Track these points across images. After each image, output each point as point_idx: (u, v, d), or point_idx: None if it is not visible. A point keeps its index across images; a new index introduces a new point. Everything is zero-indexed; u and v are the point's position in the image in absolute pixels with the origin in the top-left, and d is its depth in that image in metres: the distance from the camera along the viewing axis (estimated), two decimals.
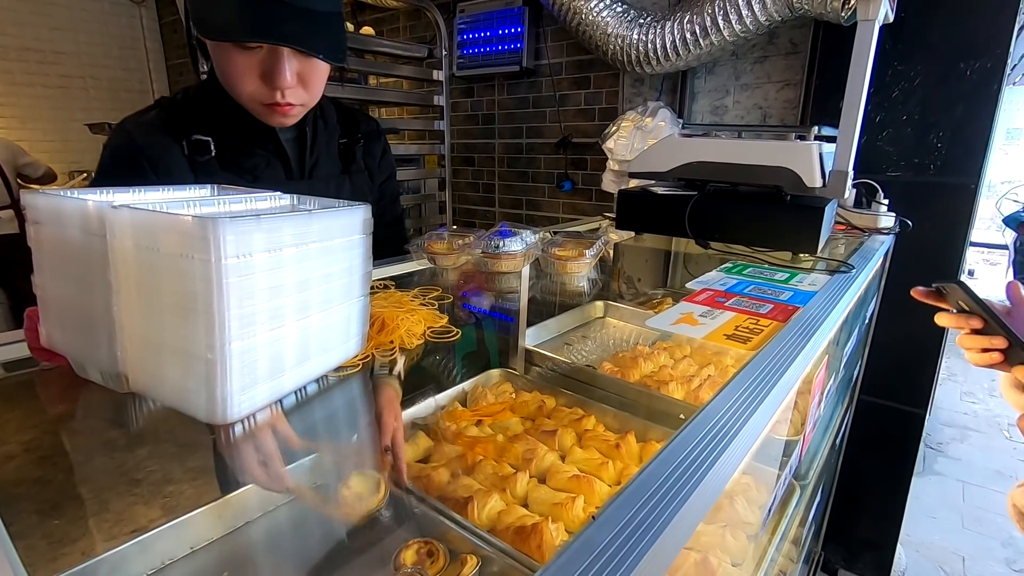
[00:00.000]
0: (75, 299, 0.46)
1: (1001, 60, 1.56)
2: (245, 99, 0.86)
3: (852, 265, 0.98)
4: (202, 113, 0.91)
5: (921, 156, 1.71)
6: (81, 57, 4.37)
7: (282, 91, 0.83)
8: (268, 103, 0.85)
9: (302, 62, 0.83)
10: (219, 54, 0.83)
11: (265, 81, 0.82)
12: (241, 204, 0.57)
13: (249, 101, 0.86)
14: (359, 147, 1.07)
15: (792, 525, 1.03)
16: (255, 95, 0.84)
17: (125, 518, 0.76)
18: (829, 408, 1.33)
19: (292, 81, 0.83)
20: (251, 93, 0.84)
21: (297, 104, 0.87)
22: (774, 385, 0.51)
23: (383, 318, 0.68)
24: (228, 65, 0.82)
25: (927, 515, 2.40)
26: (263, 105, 0.86)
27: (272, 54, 0.80)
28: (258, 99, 0.85)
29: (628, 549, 0.31)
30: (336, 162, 1.04)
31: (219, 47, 0.82)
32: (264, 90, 0.83)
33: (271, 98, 0.84)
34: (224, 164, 0.90)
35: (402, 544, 0.67)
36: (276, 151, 0.95)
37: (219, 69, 0.85)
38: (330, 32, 0.82)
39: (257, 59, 0.81)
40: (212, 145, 0.89)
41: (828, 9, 1.62)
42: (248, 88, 0.83)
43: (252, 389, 0.44)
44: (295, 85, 0.84)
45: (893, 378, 1.86)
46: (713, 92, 2.19)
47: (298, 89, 0.85)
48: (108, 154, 0.88)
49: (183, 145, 0.88)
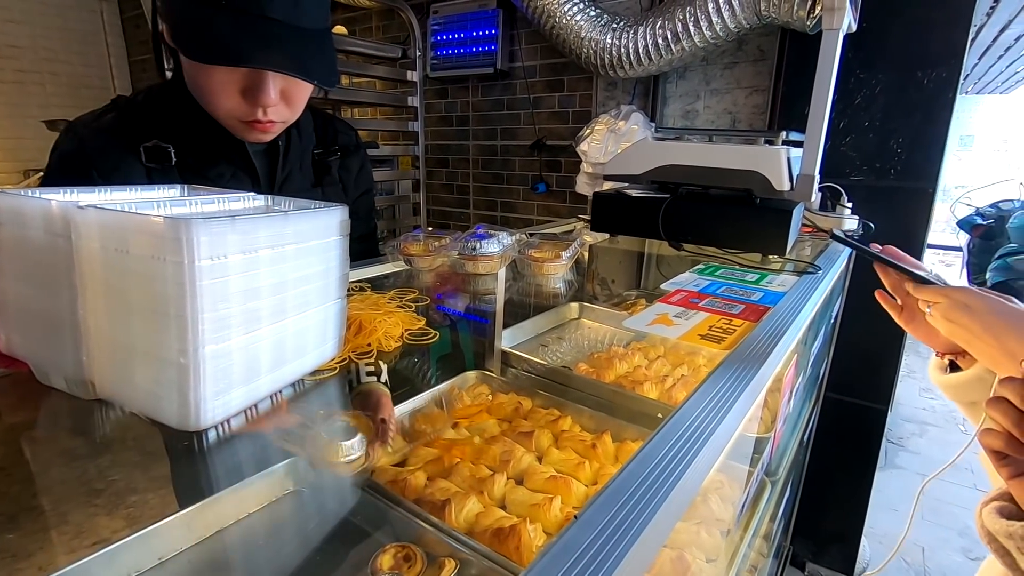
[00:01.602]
0: (37, 303, 0.44)
1: (955, 70, 1.63)
2: (221, 114, 0.81)
3: (819, 266, 1.01)
4: (164, 116, 0.85)
5: (882, 161, 1.77)
6: (38, 51, 4.20)
7: (264, 109, 0.78)
8: (247, 120, 0.80)
9: (287, 80, 0.78)
10: (195, 66, 0.77)
11: (246, 98, 0.78)
12: (213, 205, 0.56)
13: (226, 117, 0.81)
14: (335, 160, 1.02)
15: (763, 521, 1.05)
16: (233, 111, 0.79)
17: (86, 530, 0.74)
18: (798, 405, 1.37)
19: (276, 99, 0.78)
20: (229, 109, 0.79)
21: (278, 121, 0.83)
22: (747, 384, 0.52)
23: (360, 320, 0.67)
24: (206, 80, 0.77)
25: (889, 508, 2.49)
26: (241, 122, 0.81)
27: (256, 72, 0.76)
28: (236, 115, 0.80)
29: (610, 549, 0.31)
30: (308, 175, 0.99)
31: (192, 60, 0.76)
32: (244, 107, 0.78)
33: (251, 115, 0.79)
34: (185, 173, 0.84)
35: (379, 549, 0.66)
36: (243, 163, 0.89)
37: (193, 81, 0.80)
38: (322, 53, 0.78)
39: (239, 75, 0.76)
40: (172, 152, 0.82)
41: (794, 18, 1.66)
42: (227, 104, 0.78)
43: (226, 394, 0.43)
44: (278, 103, 0.79)
45: (857, 376, 1.93)
46: (684, 97, 2.23)
47: (281, 106, 0.81)
48: (56, 158, 0.82)
49: (140, 151, 0.81)
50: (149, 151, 0.81)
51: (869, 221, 1.48)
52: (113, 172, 0.80)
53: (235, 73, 0.75)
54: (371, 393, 0.73)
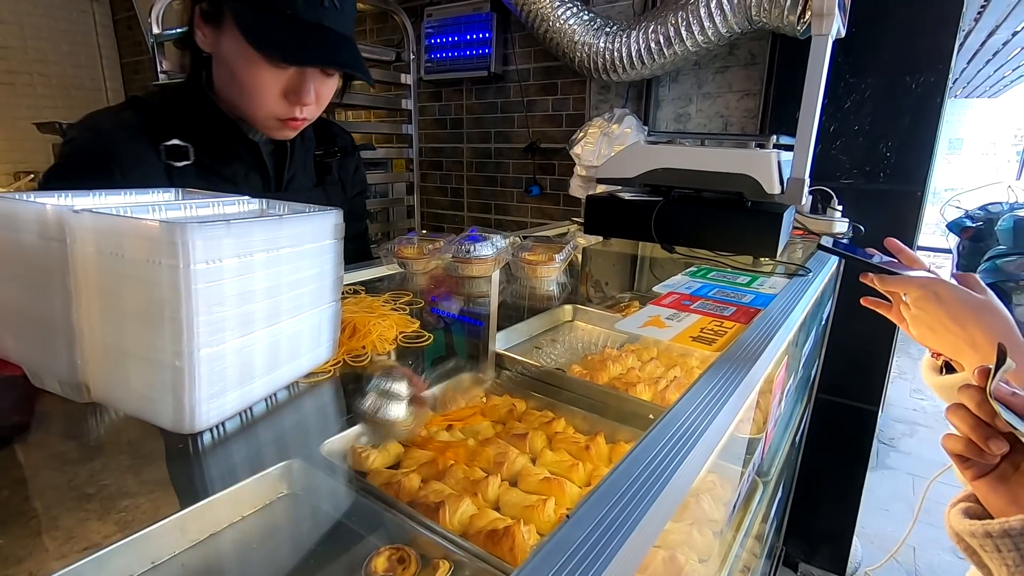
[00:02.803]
0: (31, 306, 0.44)
1: (943, 74, 1.65)
2: (262, 114, 0.87)
3: (809, 269, 1.02)
4: (182, 117, 0.89)
5: (872, 164, 1.79)
6: (28, 52, 4.17)
7: (302, 108, 0.86)
8: (285, 118, 0.87)
9: (321, 82, 0.86)
10: (244, 69, 0.82)
11: (287, 98, 0.85)
12: (208, 209, 0.56)
13: (266, 117, 0.87)
14: (334, 160, 1.08)
15: (756, 521, 1.06)
16: (275, 111, 0.86)
17: (77, 535, 0.73)
18: (789, 406, 1.38)
19: (312, 100, 0.86)
20: (271, 109, 0.86)
21: (309, 120, 0.91)
22: (738, 385, 0.53)
23: (354, 323, 0.67)
24: (254, 80, 0.82)
25: (880, 508, 2.51)
26: (277, 120, 0.87)
27: (300, 74, 0.83)
28: (276, 114, 0.86)
29: (601, 547, 0.31)
30: (311, 175, 1.05)
31: (246, 63, 0.82)
32: (284, 106, 0.85)
33: (290, 113, 0.86)
34: (202, 171, 0.89)
35: (373, 551, 0.66)
36: (256, 162, 0.94)
37: (234, 83, 0.85)
38: (358, 55, 0.87)
39: (285, 76, 0.83)
40: (191, 151, 0.87)
41: (785, 23, 1.68)
42: (270, 104, 0.85)
43: (221, 397, 0.43)
44: (312, 103, 0.86)
45: (848, 377, 1.94)
46: (677, 100, 2.24)
47: (313, 106, 0.88)
48: (73, 149, 0.85)
49: (160, 150, 0.85)
50: (169, 149, 0.85)
51: (859, 224, 1.49)
52: (134, 168, 0.83)
53: (281, 75, 0.83)
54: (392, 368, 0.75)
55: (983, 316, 0.60)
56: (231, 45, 0.81)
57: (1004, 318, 0.60)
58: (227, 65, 0.84)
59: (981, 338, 0.59)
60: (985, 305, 0.61)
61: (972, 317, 0.61)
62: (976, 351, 0.60)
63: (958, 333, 0.61)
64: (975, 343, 0.60)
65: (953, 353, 0.64)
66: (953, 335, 0.62)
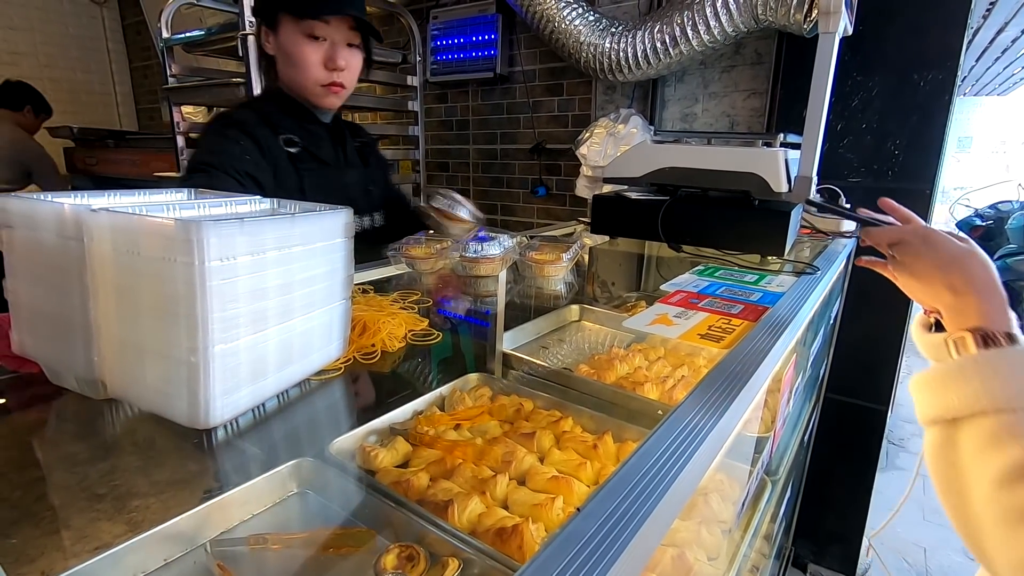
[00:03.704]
0: (50, 304, 0.45)
1: (952, 72, 1.64)
2: (310, 82, 1.17)
3: (817, 267, 1.01)
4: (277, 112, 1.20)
5: (880, 163, 1.79)
6: (39, 58, 4.22)
7: (338, 71, 1.17)
8: (325, 83, 1.17)
9: (347, 53, 1.18)
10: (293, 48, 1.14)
11: (326, 65, 1.16)
12: (221, 208, 0.57)
13: (313, 85, 1.17)
14: (369, 149, 1.44)
15: (764, 520, 1.06)
16: (319, 78, 1.17)
17: (89, 534, 0.74)
18: (797, 406, 1.38)
19: (344, 65, 1.17)
20: (316, 77, 1.16)
21: (344, 86, 1.21)
22: (746, 382, 0.53)
23: (364, 321, 0.68)
24: (301, 53, 1.14)
25: (890, 508, 2.49)
26: (321, 86, 1.18)
27: (332, 46, 1.15)
28: (319, 81, 1.17)
29: (611, 540, 0.32)
30: (357, 160, 1.38)
31: (294, 45, 1.14)
32: (324, 73, 1.17)
33: (329, 79, 1.17)
34: (303, 154, 1.20)
35: (382, 549, 0.67)
36: (330, 138, 1.29)
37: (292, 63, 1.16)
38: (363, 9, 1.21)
39: (321, 48, 1.15)
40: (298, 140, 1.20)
41: (791, 21, 1.68)
42: (313, 72, 1.16)
43: (235, 393, 0.44)
44: (344, 68, 1.18)
45: (857, 376, 1.93)
46: (683, 100, 2.24)
47: (345, 73, 1.19)
48: (227, 123, 1.14)
49: (280, 139, 1.17)
50: (286, 140, 1.18)
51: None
52: (270, 148, 1.14)
53: (319, 47, 1.14)
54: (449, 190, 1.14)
55: (965, 261, 0.62)
56: (284, 35, 1.15)
57: (984, 264, 0.62)
58: (285, 53, 1.16)
59: (960, 281, 0.61)
60: (967, 252, 0.63)
61: (954, 263, 0.62)
62: (955, 295, 0.61)
63: (939, 278, 0.63)
64: (954, 286, 0.61)
65: (933, 299, 0.65)
66: (935, 279, 0.63)
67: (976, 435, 0.51)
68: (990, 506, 0.48)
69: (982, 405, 0.50)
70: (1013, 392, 0.50)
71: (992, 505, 0.47)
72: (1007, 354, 0.53)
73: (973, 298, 0.59)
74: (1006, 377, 0.51)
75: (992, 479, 0.48)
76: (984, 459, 0.49)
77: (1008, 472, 0.46)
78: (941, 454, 0.54)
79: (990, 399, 0.50)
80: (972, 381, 0.52)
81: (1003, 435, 0.48)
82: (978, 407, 0.51)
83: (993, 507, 0.47)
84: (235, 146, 1.09)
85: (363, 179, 1.38)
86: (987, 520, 0.48)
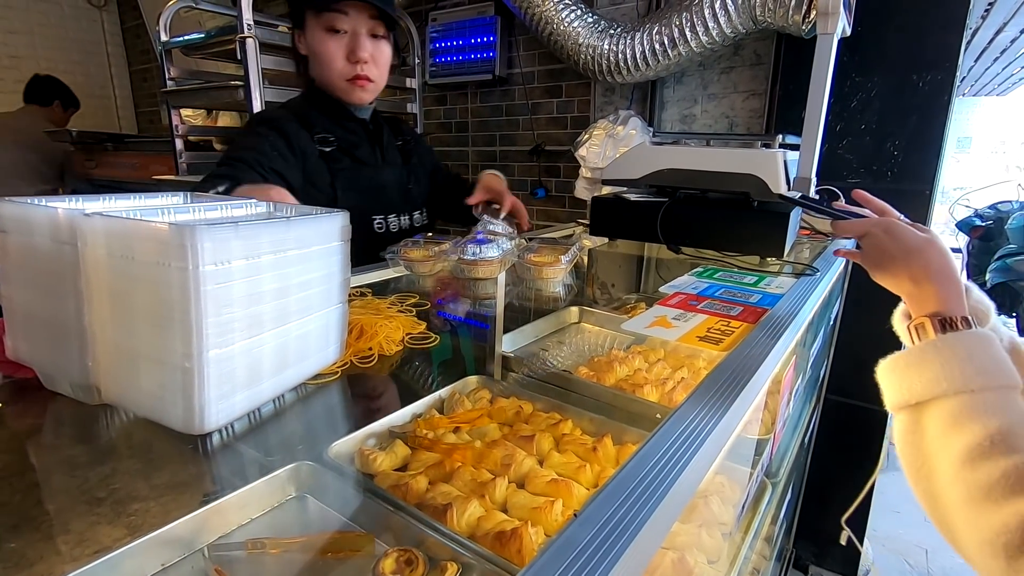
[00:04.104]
0: (44, 309, 0.45)
1: (950, 73, 1.64)
2: (336, 77, 1.18)
3: (817, 268, 1.01)
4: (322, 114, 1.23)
5: (879, 164, 1.78)
6: (39, 61, 4.23)
7: (361, 64, 1.16)
8: (351, 78, 1.18)
9: (373, 45, 1.18)
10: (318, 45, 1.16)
11: (349, 58, 1.16)
12: (216, 212, 0.57)
13: (338, 79, 1.18)
14: (412, 147, 1.45)
15: (764, 522, 1.05)
16: (343, 72, 1.17)
17: (88, 539, 0.74)
18: (798, 407, 1.37)
19: (367, 56, 1.16)
20: (340, 70, 1.17)
21: (372, 79, 1.21)
22: (745, 384, 0.53)
23: (361, 325, 0.68)
24: (325, 49, 1.15)
25: (891, 510, 2.48)
26: (347, 81, 1.18)
27: (353, 38, 1.15)
28: (345, 75, 1.17)
29: (609, 545, 0.31)
30: (397, 158, 1.39)
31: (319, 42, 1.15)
32: (348, 67, 1.17)
33: (353, 72, 1.17)
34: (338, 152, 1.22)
35: (381, 553, 0.66)
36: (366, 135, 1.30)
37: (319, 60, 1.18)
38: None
39: (343, 41, 1.15)
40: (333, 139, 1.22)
41: (790, 22, 1.68)
42: (338, 65, 1.16)
43: (230, 398, 0.43)
44: (370, 61, 1.18)
45: (857, 377, 1.93)
46: (682, 101, 2.24)
47: (371, 65, 1.19)
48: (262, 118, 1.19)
49: (314, 139, 1.19)
50: (320, 139, 1.20)
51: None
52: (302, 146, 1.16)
53: (340, 40, 1.15)
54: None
55: (924, 250, 0.65)
56: (309, 33, 1.16)
57: (942, 252, 0.65)
58: (312, 51, 1.18)
59: (919, 270, 0.64)
60: (926, 241, 0.66)
61: (914, 252, 0.65)
62: (915, 283, 0.64)
63: (901, 267, 0.66)
64: (914, 275, 0.64)
65: (897, 288, 0.68)
66: (898, 269, 0.66)
67: (939, 417, 0.52)
68: (955, 486, 0.49)
69: (943, 388, 0.52)
70: (971, 373, 0.52)
71: (957, 485, 0.49)
72: (963, 337, 0.55)
73: (931, 286, 0.62)
74: (963, 359, 0.53)
75: (955, 459, 0.50)
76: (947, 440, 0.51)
77: (970, 451, 0.48)
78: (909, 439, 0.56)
79: (950, 382, 0.53)
80: (932, 365, 0.55)
81: (962, 416, 0.50)
82: (939, 390, 0.52)
83: (958, 487, 0.49)
84: (264, 142, 1.11)
85: (402, 178, 1.37)
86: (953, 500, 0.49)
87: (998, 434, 0.48)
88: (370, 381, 0.79)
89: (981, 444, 0.48)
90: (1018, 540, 0.43)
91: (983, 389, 0.51)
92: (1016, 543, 0.43)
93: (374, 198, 1.31)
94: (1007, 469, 0.45)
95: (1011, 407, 0.50)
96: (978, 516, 0.46)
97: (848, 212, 0.79)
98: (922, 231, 0.68)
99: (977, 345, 0.54)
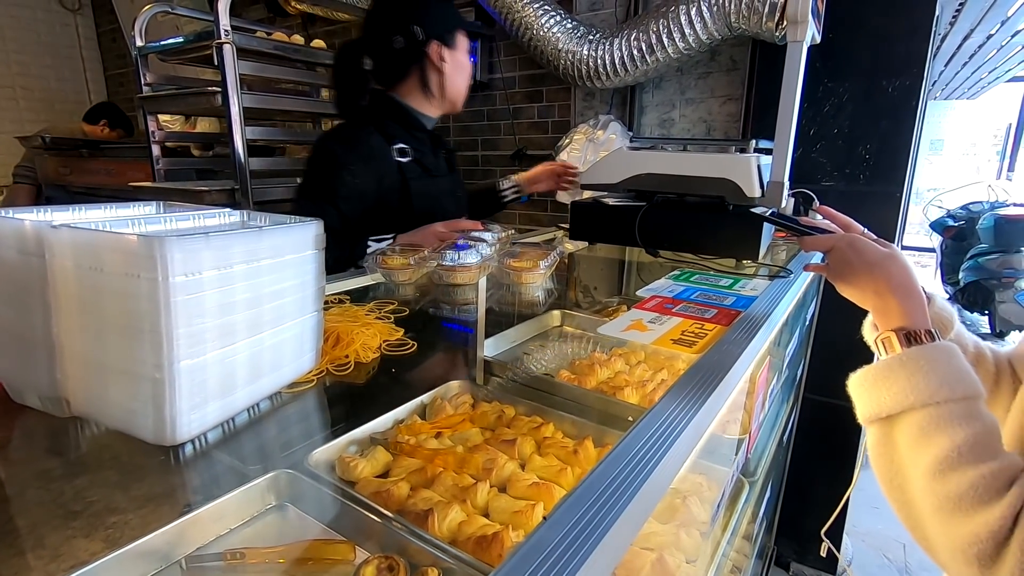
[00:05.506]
0: (10, 321, 0.44)
1: (919, 78, 1.68)
2: (465, 93, 1.38)
3: (790, 270, 1.03)
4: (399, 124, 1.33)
5: (852, 167, 1.82)
6: (10, 66, 4.14)
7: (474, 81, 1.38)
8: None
9: None
10: (465, 58, 1.35)
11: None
12: (189, 222, 0.56)
13: (463, 96, 1.37)
14: (452, 157, 1.55)
15: (743, 521, 1.07)
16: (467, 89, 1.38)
17: (63, 553, 0.72)
18: (775, 407, 1.39)
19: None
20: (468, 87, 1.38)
21: None
22: (716, 386, 0.54)
23: (337, 332, 0.68)
24: (468, 65, 1.36)
25: (870, 505, 2.53)
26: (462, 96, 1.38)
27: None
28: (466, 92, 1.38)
29: (577, 547, 0.32)
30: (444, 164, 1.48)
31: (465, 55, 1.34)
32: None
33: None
34: (414, 162, 1.31)
35: (362, 561, 0.66)
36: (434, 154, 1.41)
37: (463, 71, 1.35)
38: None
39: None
40: (410, 150, 1.31)
41: (763, 29, 1.71)
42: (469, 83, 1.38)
43: (202, 408, 0.43)
44: None
45: (834, 376, 1.94)
46: (661, 106, 2.27)
47: None
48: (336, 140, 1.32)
49: (392, 150, 1.29)
50: (399, 150, 1.30)
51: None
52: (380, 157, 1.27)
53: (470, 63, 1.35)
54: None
55: (886, 264, 0.66)
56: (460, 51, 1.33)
57: (903, 266, 0.67)
58: (461, 66, 1.34)
59: (883, 284, 0.65)
60: (888, 256, 0.67)
61: (875, 266, 0.67)
62: (879, 297, 0.66)
63: (866, 282, 0.67)
64: (878, 290, 0.66)
65: (862, 302, 0.70)
66: (862, 282, 0.68)
67: (908, 430, 0.54)
68: (927, 497, 0.51)
69: (910, 401, 0.53)
70: (935, 386, 0.53)
71: (928, 496, 0.50)
72: (927, 351, 0.57)
73: (894, 299, 0.63)
74: (927, 372, 0.54)
75: (925, 471, 0.51)
76: (917, 453, 0.52)
77: (939, 463, 0.49)
78: (882, 451, 0.57)
79: (916, 394, 0.54)
80: (899, 379, 0.56)
81: (930, 428, 0.51)
82: (907, 403, 0.54)
83: (929, 498, 0.50)
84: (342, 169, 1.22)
85: (454, 185, 1.48)
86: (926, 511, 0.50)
87: (964, 445, 0.49)
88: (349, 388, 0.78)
89: (949, 456, 0.49)
90: (989, 549, 0.44)
91: (947, 401, 0.52)
92: (988, 552, 0.45)
93: (441, 205, 1.40)
94: (974, 480, 0.47)
95: (975, 417, 0.51)
96: (949, 526, 0.48)
97: (814, 228, 0.81)
98: (884, 246, 0.70)
99: (940, 358, 0.55)
